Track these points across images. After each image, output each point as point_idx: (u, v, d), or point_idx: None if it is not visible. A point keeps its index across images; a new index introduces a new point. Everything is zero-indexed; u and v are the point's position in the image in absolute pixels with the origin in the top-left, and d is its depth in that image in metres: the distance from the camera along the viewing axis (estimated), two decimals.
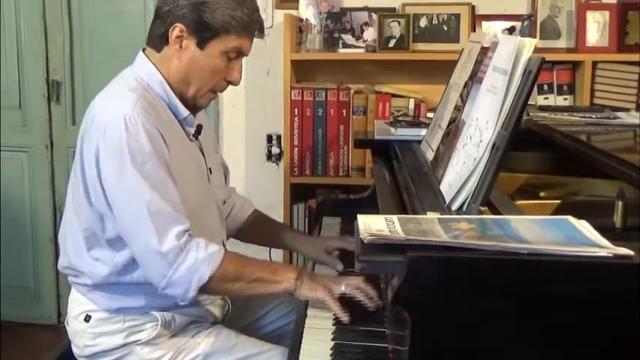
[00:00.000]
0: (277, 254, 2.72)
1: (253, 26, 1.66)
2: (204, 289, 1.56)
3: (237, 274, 1.60)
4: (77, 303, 1.73)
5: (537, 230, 1.07)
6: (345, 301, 1.59)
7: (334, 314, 1.57)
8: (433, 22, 2.88)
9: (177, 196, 1.56)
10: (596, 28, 2.78)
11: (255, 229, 2.05)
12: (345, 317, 1.55)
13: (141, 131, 1.53)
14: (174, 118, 1.67)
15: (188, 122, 1.70)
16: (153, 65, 1.67)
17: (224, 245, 1.78)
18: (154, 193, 1.52)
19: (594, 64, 2.76)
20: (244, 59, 1.72)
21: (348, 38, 2.92)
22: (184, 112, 1.68)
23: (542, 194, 1.74)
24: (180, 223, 1.54)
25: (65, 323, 1.79)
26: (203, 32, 1.62)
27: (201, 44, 1.63)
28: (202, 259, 1.54)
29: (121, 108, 1.55)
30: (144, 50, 1.71)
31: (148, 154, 1.53)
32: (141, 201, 1.52)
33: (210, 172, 1.80)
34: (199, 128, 1.76)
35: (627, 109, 2.52)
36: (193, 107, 1.71)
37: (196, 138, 1.76)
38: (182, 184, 1.59)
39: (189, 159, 1.69)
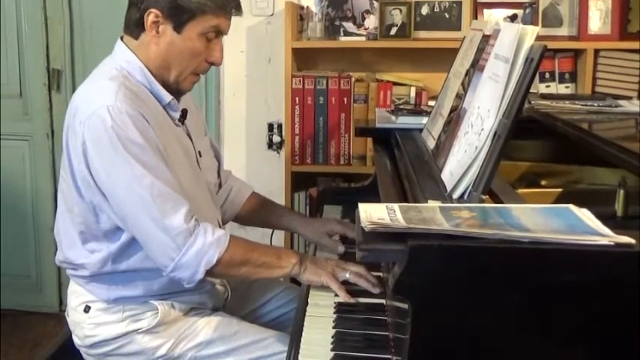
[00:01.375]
0: (278, 238, 2.73)
1: (229, 4, 1.64)
2: (211, 273, 1.57)
3: (243, 259, 1.61)
4: (76, 294, 1.73)
5: (539, 219, 1.06)
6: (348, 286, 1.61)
7: (334, 302, 1.58)
8: (435, 9, 2.87)
9: (173, 179, 1.56)
10: (599, 15, 2.77)
11: (254, 211, 2.04)
12: (350, 300, 1.57)
13: (126, 119, 1.52)
14: (157, 104, 1.66)
15: (172, 107, 1.69)
16: (132, 52, 1.65)
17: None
18: (152, 178, 1.52)
19: (596, 52, 2.75)
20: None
21: (349, 26, 2.91)
22: (167, 97, 1.67)
23: (543, 183, 1.74)
24: (183, 205, 1.54)
25: (65, 314, 1.80)
26: (179, 15, 1.60)
27: (177, 28, 1.61)
28: (210, 243, 1.54)
29: (103, 99, 1.54)
30: (122, 38, 1.70)
31: (137, 141, 1.52)
32: (142, 187, 1.51)
33: (200, 156, 1.79)
34: (184, 112, 1.75)
35: (629, 98, 2.51)
36: (177, 91, 1.70)
37: (182, 122, 1.75)
38: (171, 169, 1.58)
39: (176, 144, 1.68)
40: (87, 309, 1.70)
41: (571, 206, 1.10)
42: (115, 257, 1.65)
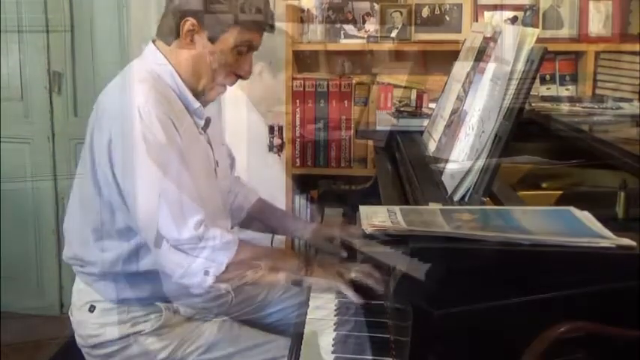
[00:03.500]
0: (279, 241, 2.72)
1: (264, 21, 1.66)
2: (220, 278, 1.57)
3: (250, 264, 1.61)
4: (82, 293, 1.73)
5: (539, 221, 1.07)
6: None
7: (335, 305, 1.58)
8: (435, 12, 2.87)
9: (192, 186, 1.56)
10: (599, 17, 2.77)
11: (259, 217, 2.05)
12: (358, 300, 1.57)
13: (155, 122, 1.53)
14: (184, 109, 1.67)
15: (198, 114, 1.70)
16: (163, 57, 1.67)
17: None
18: (170, 183, 1.53)
19: (597, 54, 2.75)
20: None
21: (349, 29, 2.91)
22: (195, 103, 1.68)
23: (544, 185, 1.74)
24: (197, 213, 1.54)
25: (69, 313, 1.79)
26: (214, 27, 1.62)
27: (212, 39, 1.62)
28: (219, 249, 1.55)
29: (134, 99, 1.55)
30: (154, 42, 1.71)
31: (163, 145, 1.53)
32: (158, 191, 1.52)
33: (217, 165, 1.80)
34: (208, 121, 1.76)
35: (630, 100, 2.51)
36: (202, 100, 1.71)
37: (205, 130, 1.76)
38: (190, 175, 1.58)
39: (198, 150, 1.69)
40: (92, 308, 1.70)
41: (572, 208, 1.10)
42: (127, 259, 1.66)
